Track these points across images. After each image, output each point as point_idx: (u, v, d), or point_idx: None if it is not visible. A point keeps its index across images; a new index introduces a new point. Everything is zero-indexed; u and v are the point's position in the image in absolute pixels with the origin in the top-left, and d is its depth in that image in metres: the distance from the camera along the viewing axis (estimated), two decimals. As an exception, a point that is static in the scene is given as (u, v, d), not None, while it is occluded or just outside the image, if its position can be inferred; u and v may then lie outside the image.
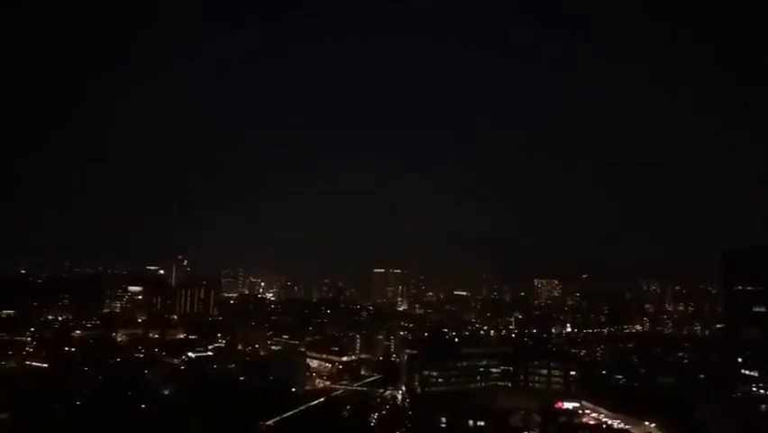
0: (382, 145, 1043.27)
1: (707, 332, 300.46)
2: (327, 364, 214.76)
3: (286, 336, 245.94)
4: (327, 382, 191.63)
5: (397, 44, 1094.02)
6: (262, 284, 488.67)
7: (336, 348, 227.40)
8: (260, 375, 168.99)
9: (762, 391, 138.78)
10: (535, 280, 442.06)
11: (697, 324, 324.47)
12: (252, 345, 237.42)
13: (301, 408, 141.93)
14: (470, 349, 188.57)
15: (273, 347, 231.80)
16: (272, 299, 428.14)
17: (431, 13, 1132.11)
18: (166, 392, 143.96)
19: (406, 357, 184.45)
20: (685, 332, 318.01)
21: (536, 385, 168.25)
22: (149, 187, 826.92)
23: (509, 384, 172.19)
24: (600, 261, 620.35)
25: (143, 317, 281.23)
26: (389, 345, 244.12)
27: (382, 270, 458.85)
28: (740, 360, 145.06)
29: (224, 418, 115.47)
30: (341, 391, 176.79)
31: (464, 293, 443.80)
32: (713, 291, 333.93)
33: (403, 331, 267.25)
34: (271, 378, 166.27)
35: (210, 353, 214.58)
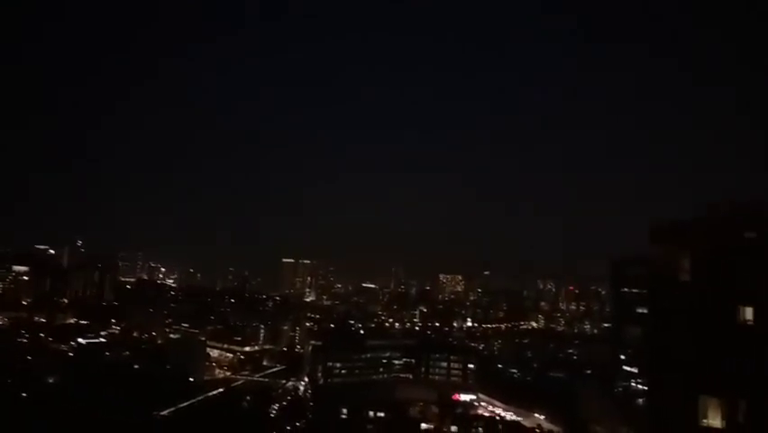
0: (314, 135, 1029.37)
1: (595, 330, 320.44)
2: (229, 354, 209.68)
3: (185, 325, 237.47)
4: (228, 373, 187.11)
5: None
6: (163, 270, 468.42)
7: (239, 338, 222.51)
8: (156, 364, 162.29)
9: (639, 386, 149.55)
10: (441, 276, 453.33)
11: (587, 322, 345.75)
12: (149, 332, 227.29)
13: (199, 398, 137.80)
14: (375, 341, 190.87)
15: (172, 336, 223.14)
16: (173, 285, 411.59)
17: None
18: (51, 380, 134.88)
19: (310, 348, 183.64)
20: (576, 330, 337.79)
21: (436, 377, 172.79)
22: (44, 166, 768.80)
23: (410, 376, 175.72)
24: (503, 259, 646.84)
25: (29, 300, 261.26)
26: (294, 337, 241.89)
27: (291, 260, 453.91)
28: (623, 357, 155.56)
29: (115, 407, 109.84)
30: (241, 381, 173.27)
31: (373, 286, 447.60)
32: (603, 293, 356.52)
33: (309, 322, 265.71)
34: (168, 367, 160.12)
35: (102, 339, 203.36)
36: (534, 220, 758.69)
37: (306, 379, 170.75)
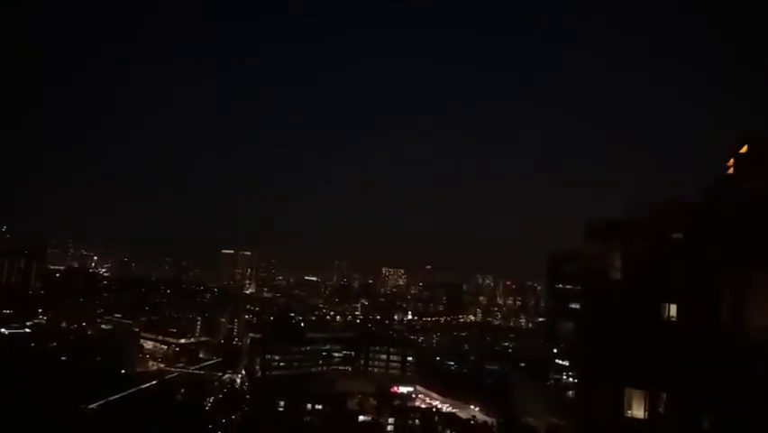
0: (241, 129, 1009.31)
1: (530, 325, 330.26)
2: (163, 346, 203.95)
3: (118, 315, 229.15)
4: (162, 365, 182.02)
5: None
6: (95, 258, 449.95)
7: (174, 330, 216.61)
8: (86, 356, 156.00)
9: (570, 379, 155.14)
10: (383, 269, 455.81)
11: (522, 316, 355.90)
12: (79, 323, 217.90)
13: (130, 390, 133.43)
14: (315, 334, 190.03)
15: (103, 326, 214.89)
16: (106, 274, 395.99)
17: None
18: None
19: (248, 341, 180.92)
20: (512, 324, 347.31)
21: (376, 370, 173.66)
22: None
23: (350, 369, 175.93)
24: (445, 253, 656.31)
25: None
26: (233, 329, 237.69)
27: (231, 251, 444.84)
28: (556, 351, 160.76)
29: (40, 400, 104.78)
30: (176, 374, 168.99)
31: (315, 279, 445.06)
32: (538, 288, 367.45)
33: (248, 314, 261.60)
34: (98, 359, 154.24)
35: (28, 330, 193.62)
36: (476, 215, 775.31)
37: (244, 371, 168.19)
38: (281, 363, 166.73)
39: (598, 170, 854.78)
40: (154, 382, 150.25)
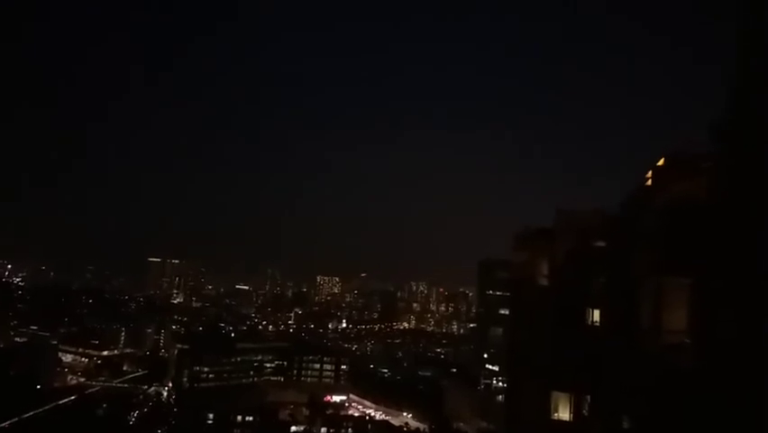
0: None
1: (462, 330, 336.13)
2: (84, 359, 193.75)
3: (34, 327, 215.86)
4: (82, 379, 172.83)
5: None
6: (9, 267, 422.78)
7: (96, 342, 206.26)
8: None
9: (500, 384, 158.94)
10: (318, 277, 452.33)
11: (455, 323, 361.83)
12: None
13: (46, 407, 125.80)
14: (246, 344, 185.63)
15: (17, 339, 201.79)
16: (20, 284, 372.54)
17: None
18: None
19: (176, 352, 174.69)
20: (445, 330, 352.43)
21: (308, 379, 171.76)
22: None
23: (282, 379, 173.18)
24: (380, 260, 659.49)
25: None
26: (159, 340, 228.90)
27: (158, 259, 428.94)
28: (486, 356, 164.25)
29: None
30: (97, 387, 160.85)
31: (246, 287, 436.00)
32: (470, 294, 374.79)
33: (176, 325, 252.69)
34: (12, 374, 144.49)
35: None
36: (409, 224, 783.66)
37: (171, 384, 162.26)
38: (211, 375, 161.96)
39: (533, 177, 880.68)
40: (73, 397, 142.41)
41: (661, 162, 25.69)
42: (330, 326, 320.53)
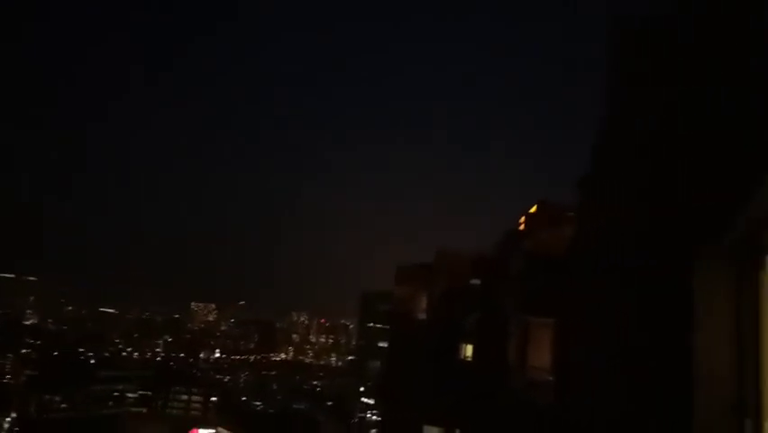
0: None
1: (340, 363, 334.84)
2: None
3: None
4: None
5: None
6: None
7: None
8: None
9: (374, 417, 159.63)
10: (193, 303, 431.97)
11: (334, 355, 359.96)
12: None
13: None
14: (108, 372, 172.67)
15: None
16: None
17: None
18: None
19: (24, 379, 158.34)
20: (323, 362, 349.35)
21: (174, 411, 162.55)
22: None
23: (144, 410, 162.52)
24: (260, 289, 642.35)
25: None
26: (4, 365, 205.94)
27: (12, 275, 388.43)
28: (362, 389, 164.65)
29: None
30: None
31: (112, 311, 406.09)
32: (351, 326, 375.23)
33: (27, 349, 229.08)
34: None
35: None
36: (294, 252, 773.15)
37: (15, 414, 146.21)
38: (63, 405, 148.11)
39: (423, 208, 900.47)
40: None
41: (533, 209, 27.77)
42: (202, 355, 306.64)
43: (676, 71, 6.63)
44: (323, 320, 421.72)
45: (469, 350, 33.84)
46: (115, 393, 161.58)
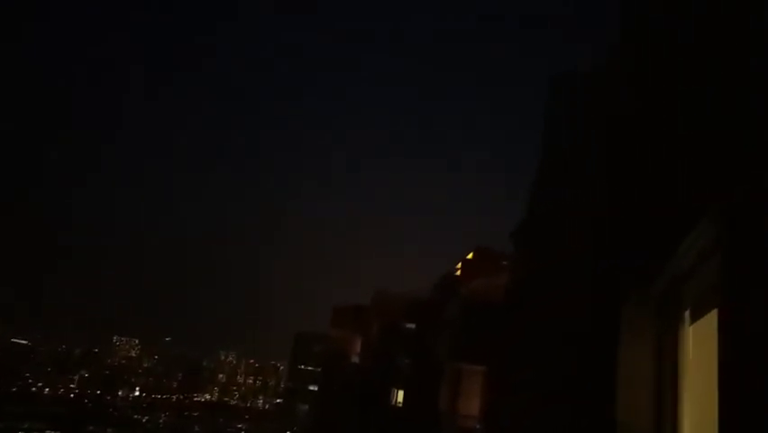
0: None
1: (267, 405, 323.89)
2: None
3: None
4: None
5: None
6: None
7: None
8: None
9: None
10: (115, 337, 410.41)
11: (261, 397, 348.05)
12: None
13: None
14: (14, 408, 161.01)
15: None
16: None
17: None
18: None
19: None
20: (249, 404, 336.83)
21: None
22: None
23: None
24: (187, 324, 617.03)
25: None
26: None
27: None
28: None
29: None
30: None
31: (24, 342, 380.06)
32: (281, 368, 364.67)
33: None
34: None
35: None
36: (224, 289, 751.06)
37: None
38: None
39: (352, 249, 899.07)
40: None
41: (470, 256, 28.21)
42: (120, 393, 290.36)
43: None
44: (252, 360, 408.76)
45: (400, 396, 33.51)
46: (20, 432, 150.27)
